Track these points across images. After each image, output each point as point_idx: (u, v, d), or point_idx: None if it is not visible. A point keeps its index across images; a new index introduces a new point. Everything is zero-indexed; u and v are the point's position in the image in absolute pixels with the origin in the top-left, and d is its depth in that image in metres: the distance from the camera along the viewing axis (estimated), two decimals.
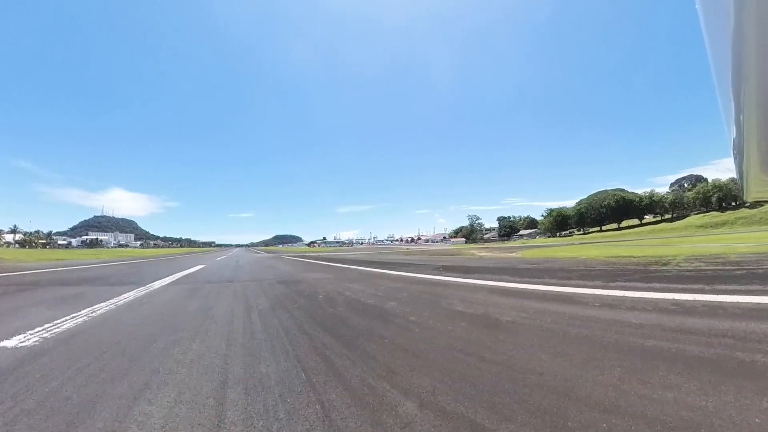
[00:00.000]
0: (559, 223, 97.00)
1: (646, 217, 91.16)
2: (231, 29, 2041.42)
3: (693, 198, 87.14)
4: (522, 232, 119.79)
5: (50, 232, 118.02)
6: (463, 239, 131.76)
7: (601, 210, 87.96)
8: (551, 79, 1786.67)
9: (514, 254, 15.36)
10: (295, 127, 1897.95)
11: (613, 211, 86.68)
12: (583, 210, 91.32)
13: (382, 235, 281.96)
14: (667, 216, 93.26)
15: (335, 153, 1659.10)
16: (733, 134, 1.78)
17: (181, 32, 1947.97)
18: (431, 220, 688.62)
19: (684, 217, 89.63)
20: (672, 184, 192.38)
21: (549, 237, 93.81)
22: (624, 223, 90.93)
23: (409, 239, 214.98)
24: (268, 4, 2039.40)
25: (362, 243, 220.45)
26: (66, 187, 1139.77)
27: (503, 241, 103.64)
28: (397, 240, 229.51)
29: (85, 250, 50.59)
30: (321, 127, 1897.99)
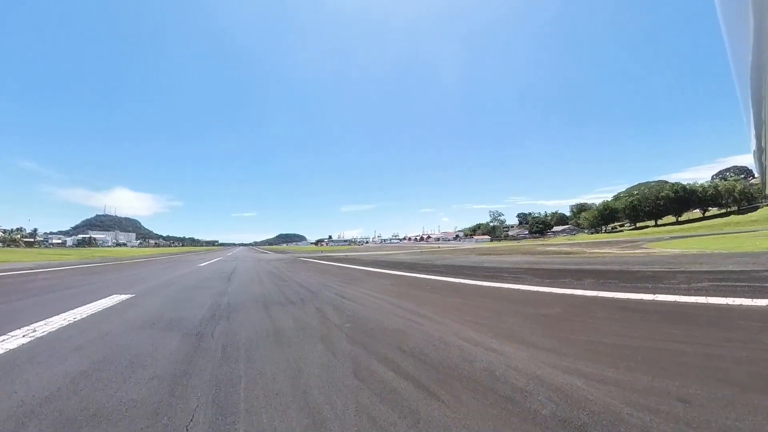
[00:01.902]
0: (606, 217, 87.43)
1: (709, 209, 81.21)
2: (236, 30, 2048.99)
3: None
4: (555, 228, 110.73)
5: (35, 229, 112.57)
6: (488, 237, 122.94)
7: (658, 202, 78.26)
8: (553, 80, 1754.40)
9: (651, 250, 12.33)
10: (298, 128, 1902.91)
11: (672, 202, 77.05)
12: (636, 202, 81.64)
13: (386, 234, 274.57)
14: (731, 208, 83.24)
15: (338, 153, 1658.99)
16: (754, 131, 1.83)
17: (187, 33, 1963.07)
18: (435, 218, 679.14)
19: (754, 208, 79.67)
20: (714, 176, 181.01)
21: (592, 233, 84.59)
22: (683, 216, 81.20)
23: (418, 238, 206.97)
24: (273, 4, 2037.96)
25: (367, 242, 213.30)
26: (70, 187, 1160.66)
27: (536, 238, 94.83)
28: (405, 239, 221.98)
29: (62, 250, 44.53)
30: (324, 127, 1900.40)
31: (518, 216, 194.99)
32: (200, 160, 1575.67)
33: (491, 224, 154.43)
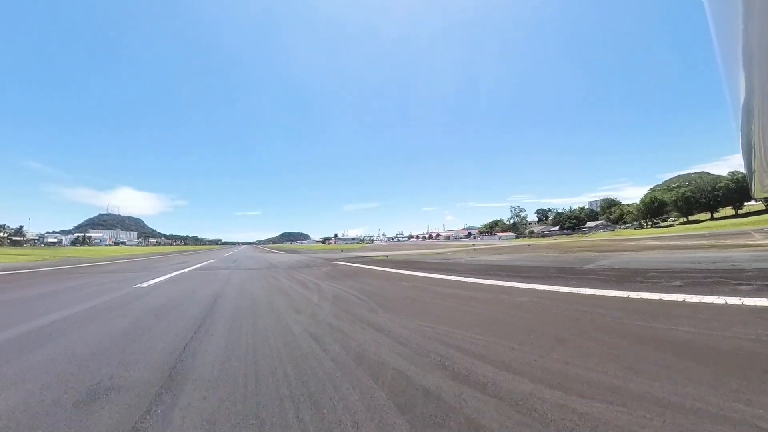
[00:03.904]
0: (654, 210, 79.45)
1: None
2: (236, 29, 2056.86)
3: None
4: (589, 224, 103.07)
5: (21, 227, 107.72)
6: (512, 234, 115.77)
7: (715, 193, 70.28)
8: (555, 81, 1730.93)
9: None
10: (301, 127, 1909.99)
11: (733, 193, 69.07)
12: (689, 193, 73.61)
13: (390, 233, 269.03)
14: None
15: (340, 152, 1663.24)
16: (742, 131, 1.82)
17: (188, 34, 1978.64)
18: (438, 216, 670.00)
19: None
20: None
21: (636, 228, 76.94)
22: (740, 209, 73.10)
23: (427, 236, 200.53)
24: (274, 10, 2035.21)
25: (372, 241, 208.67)
26: (75, 186, 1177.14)
27: (569, 234, 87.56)
28: (412, 237, 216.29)
29: (29, 250, 39.54)
30: (326, 127, 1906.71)
31: (537, 212, 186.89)
32: (205, 161, 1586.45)
33: (511, 220, 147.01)
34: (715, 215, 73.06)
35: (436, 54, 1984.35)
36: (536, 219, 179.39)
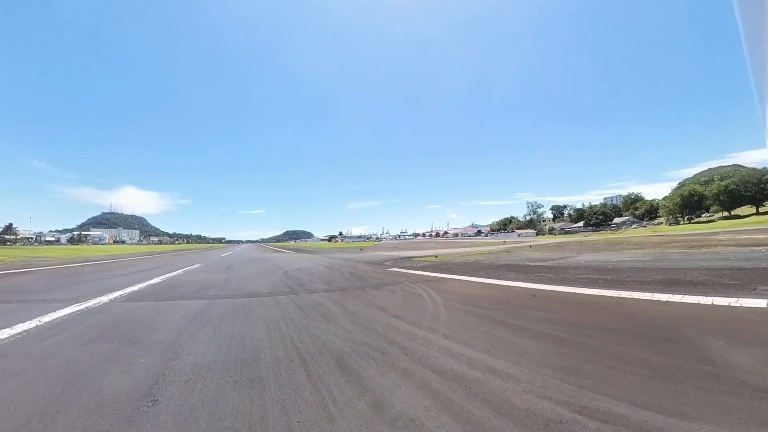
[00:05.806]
0: (692, 204, 73.33)
1: None
2: (234, 27, 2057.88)
3: None
4: (617, 220, 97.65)
5: (11, 224, 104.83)
6: (532, 231, 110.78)
7: (762, 186, 64.49)
8: (556, 78, 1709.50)
9: None
10: (307, 126, 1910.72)
11: None
12: (732, 186, 67.69)
13: (394, 231, 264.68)
14: None
15: (345, 150, 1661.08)
16: None
17: (188, 33, 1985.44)
18: (442, 215, 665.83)
19: None
20: None
21: (672, 224, 71.51)
22: None
23: (434, 234, 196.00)
24: (281, 6, 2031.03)
25: (380, 239, 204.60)
26: (79, 186, 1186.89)
27: (597, 230, 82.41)
28: (419, 235, 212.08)
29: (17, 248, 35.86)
30: (332, 125, 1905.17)
31: (552, 209, 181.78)
32: (208, 160, 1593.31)
33: (527, 217, 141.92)
34: (761, 209, 67.37)
35: (444, 52, 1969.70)
36: (551, 216, 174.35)
